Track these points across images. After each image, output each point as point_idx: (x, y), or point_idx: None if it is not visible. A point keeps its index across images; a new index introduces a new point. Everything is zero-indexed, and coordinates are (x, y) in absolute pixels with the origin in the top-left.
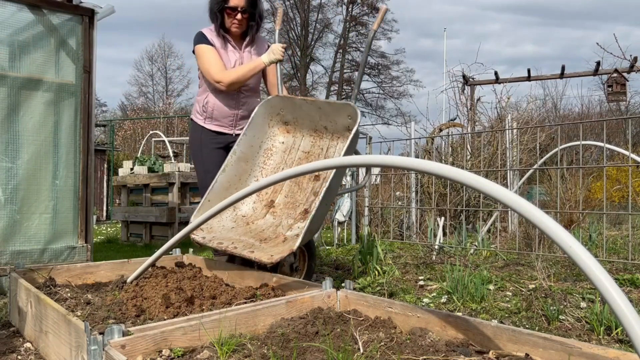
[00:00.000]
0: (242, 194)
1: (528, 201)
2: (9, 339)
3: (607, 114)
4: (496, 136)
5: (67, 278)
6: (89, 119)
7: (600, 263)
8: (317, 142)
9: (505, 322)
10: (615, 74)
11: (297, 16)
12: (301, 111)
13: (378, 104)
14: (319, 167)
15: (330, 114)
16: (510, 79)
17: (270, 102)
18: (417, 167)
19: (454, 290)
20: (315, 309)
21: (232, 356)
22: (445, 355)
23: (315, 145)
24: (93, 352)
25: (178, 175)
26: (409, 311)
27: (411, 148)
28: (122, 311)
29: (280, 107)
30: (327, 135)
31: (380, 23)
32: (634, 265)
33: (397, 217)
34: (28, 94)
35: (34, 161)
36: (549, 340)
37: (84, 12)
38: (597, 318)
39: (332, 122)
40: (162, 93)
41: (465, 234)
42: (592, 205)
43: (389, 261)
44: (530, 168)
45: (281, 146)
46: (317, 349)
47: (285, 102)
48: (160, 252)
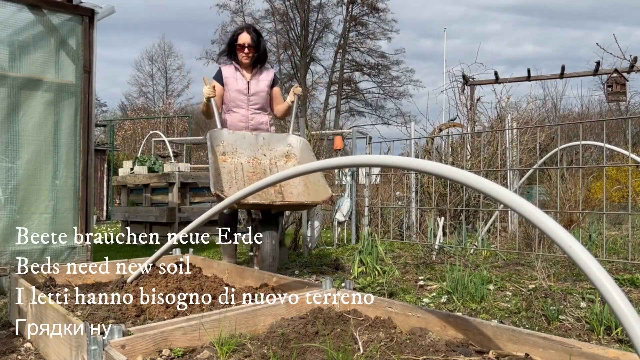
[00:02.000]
0: (243, 193)
1: (528, 201)
2: (9, 339)
3: (607, 114)
4: (496, 136)
5: (67, 278)
6: (89, 119)
7: (600, 263)
8: (258, 166)
9: (505, 322)
10: (615, 74)
11: (297, 16)
12: (244, 141)
13: (378, 104)
14: (318, 167)
15: (271, 142)
16: (510, 79)
17: (211, 134)
18: (417, 167)
19: (454, 290)
20: (315, 309)
21: (232, 356)
22: (445, 355)
23: (258, 167)
24: (93, 352)
25: (178, 175)
26: (409, 311)
27: (411, 148)
28: (122, 311)
29: (221, 139)
30: (265, 160)
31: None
32: (634, 265)
33: (397, 217)
34: (28, 94)
35: (34, 161)
36: (549, 340)
37: (84, 12)
38: (597, 318)
39: (271, 149)
40: (162, 93)
41: (465, 234)
42: (592, 205)
43: (389, 261)
44: (530, 168)
45: (224, 169)
46: (317, 349)
47: (224, 135)
48: (160, 252)
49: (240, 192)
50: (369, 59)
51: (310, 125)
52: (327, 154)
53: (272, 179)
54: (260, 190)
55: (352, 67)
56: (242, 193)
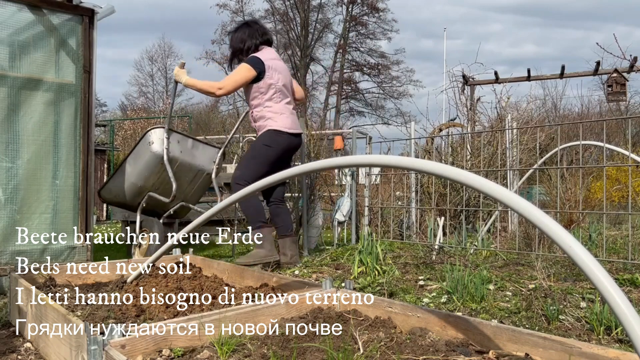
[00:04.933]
0: (243, 193)
1: (528, 201)
2: (9, 339)
3: (607, 114)
4: (496, 136)
5: (67, 278)
6: (89, 119)
7: (600, 263)
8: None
9: (505, 322)
10: (615, 74)
11: (297, 16)
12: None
13: (378, 104)
14: (318, 167)
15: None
16: (510, 79)
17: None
18: (417, 167)
19: (454, 290)
20: (315, 308)
21: (232, 356)
22: (445, 355)
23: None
24: (93, 352)
25: None
26: (409, 311)
27: (411, 148)
28: (122, 311)
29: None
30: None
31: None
32: (634, 265)
33: (397, 217)
34: (28, 94)
35: (34, 161)
36: (549, 340)
37: (84, 12)
38: (597, 318)
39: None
40: (162, 93)
41: (465, 233)
42: (592, 205)
43: (389, 261)
44: (530, 168)
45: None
46: (317, 348)
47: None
48: (160, 252)
49: (246, 190)
50: (369, 59)
51: (310, 125)
52: (327, 154)
53: (272, 179)
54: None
55: (352, 67)
56: (247, 190)
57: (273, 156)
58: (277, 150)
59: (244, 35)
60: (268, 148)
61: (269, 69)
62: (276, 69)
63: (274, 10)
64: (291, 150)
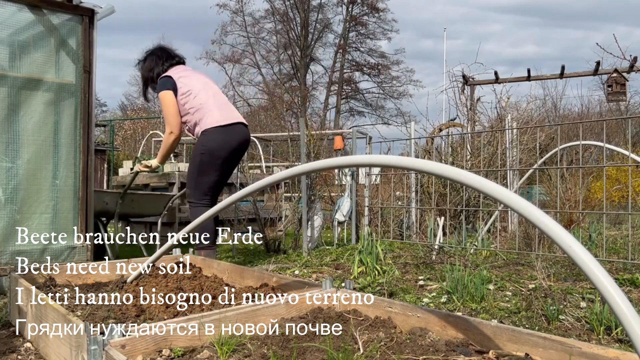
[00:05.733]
0: (243, 193)
1: (528, 201)
2: (9, 339)
3: (607, 114)
4: (496, 136)
5: (67, 278)
6: (89, 119)
7: (600, 263)
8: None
9: (505, 321)
10: (615, 74)
11: (297, 16)
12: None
13: (378, 104)
14: (318, 167)
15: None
16: (510, 79)
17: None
18: (417, 167)
19: (454, 290)
20: (315, 308)
21: (232, 356)
22: (445, 355)
23: None
24: (93, 352)
25: (178, 175)
26: (409, 311)
27: (411, 148)
28: (122, 311)
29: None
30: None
31: None
32: (634, 265)
33: (397, 217)
34: (28, 94)
35: (34, 161)
36: (549, 340)
37: (84, 12)
38: (597, 318)
39: None
40: None
41: (465, 233)
42: (592, 205)
43: (389, 261)
44: (530, 168)
45: None
46: (317, 348)
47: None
48: (160, 252)
49: (240, 193)
50: (369, 59)
51: (310, 125)
52: (327, 154)
53: (272, 179)
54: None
55: (352, 67)
56: (242, 193)
57: (214, 161)
58: (216, 153)
59: (152, 64)
60: (202, 155)
61: (179, 79)
62: (188, 76)
63: (274, 10)
64: (232, 143)
